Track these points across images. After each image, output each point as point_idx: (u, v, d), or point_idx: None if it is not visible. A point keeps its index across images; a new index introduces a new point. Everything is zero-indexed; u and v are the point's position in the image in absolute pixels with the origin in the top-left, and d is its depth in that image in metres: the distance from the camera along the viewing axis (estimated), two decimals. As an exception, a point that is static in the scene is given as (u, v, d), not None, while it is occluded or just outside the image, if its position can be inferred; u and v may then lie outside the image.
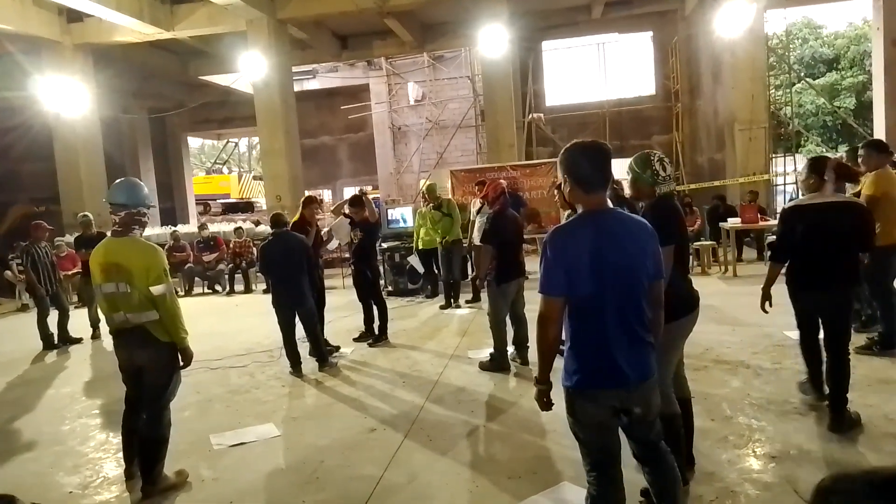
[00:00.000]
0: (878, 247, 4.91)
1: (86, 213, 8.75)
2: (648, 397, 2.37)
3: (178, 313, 3.55)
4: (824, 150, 22.40)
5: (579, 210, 2.40)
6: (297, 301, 5.95)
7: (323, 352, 6.12)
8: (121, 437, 3.83)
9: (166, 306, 3.48)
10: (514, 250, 5.69)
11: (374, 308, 6.93)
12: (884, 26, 15.03)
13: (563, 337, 2.38)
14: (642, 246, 2.34)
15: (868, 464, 3.28)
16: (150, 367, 3.57)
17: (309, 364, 6.05)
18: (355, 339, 6.99)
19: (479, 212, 8.72)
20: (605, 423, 2.35)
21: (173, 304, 3.53)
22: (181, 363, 3.63)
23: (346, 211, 7.14)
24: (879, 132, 15.27)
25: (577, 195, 2.37)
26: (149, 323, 3.48)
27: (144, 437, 3.60)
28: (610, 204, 2.40)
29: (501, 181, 6.11)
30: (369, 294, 6.95)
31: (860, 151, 5.36)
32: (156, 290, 3.44)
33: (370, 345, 6.79)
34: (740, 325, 6.38)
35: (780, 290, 3.95)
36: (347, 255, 14.15)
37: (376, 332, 6.92)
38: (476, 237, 8.55)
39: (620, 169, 3.38)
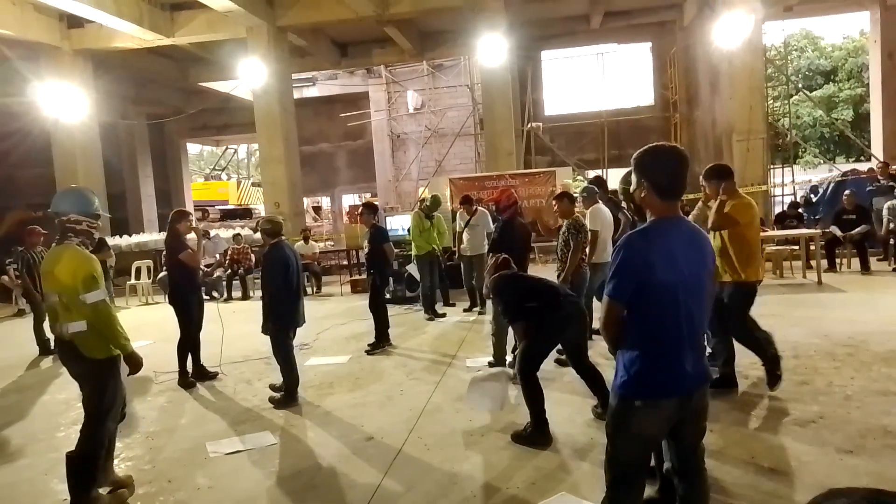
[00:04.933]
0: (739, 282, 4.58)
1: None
2: (704, 400, 2.41)
3: (113, 321, 3.41)
4: (821, 161, 22.51)
5: (649, 217, 2.35)
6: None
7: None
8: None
9: (100, 313, 3.36)
10: (521, 259, 5.67)
11: (378, 315, 6.94)
12: (881, 39, 15.16)
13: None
14: (705, 259, 2.35)
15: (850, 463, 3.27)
16: (82, 383, 3.52)
17: (309, 373, 6.02)
18: (367, 352, 6.89)
19: (466, 224, 8.80)
20: (657, 436, 2.37)
21: (107, 312, 3.40)
22: (128, 371, 3.53)
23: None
24: (877, 143, 15.38)
25: (651, 200, 2.30)
26: (78, 337, 3.37)
27: (71, 453, 3.46)
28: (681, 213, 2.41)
29: (512, 190, 6.07)
30: (372, 301, 6.97)
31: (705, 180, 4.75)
32: (88, 297, 3.32)
33: (368, 353, 6.76)
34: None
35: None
36: (346, 263, 14.17)
37: (375, 339, 6.92)
38: (466, 248, 8.70)
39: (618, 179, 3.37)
